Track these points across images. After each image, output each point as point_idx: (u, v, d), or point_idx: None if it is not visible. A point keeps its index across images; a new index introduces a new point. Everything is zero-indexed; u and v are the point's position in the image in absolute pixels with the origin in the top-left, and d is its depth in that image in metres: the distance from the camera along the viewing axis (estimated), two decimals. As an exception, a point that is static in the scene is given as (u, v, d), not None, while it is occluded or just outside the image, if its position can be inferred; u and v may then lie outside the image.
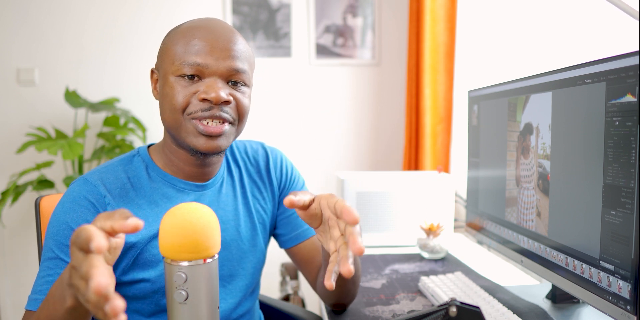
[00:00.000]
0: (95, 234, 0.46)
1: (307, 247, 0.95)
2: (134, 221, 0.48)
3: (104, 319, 0.44)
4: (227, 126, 0.78)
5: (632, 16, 0.91)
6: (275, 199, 0.96)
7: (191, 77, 0.76)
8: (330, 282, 0.58)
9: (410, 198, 1.47)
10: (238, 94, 0.79)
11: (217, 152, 0.79)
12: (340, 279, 0.82)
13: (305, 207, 0.66)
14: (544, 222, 0.92)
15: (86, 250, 0.46)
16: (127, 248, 0.78)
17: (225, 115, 0.77)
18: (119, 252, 0.56)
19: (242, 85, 0.80)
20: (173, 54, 0.77)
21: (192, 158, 0.81)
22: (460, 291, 0.99)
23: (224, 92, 0.75)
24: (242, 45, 0.79)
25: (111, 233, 0.50)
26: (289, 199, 0.62)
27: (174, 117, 0.77)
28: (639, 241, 0.67)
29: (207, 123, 0.76)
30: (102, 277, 0.44)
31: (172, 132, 0.79)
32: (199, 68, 0.75)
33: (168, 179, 0.83)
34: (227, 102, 0.77)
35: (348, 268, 0.55)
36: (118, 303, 0.43)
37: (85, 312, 0.57)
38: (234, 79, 0.78)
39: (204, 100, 0.75)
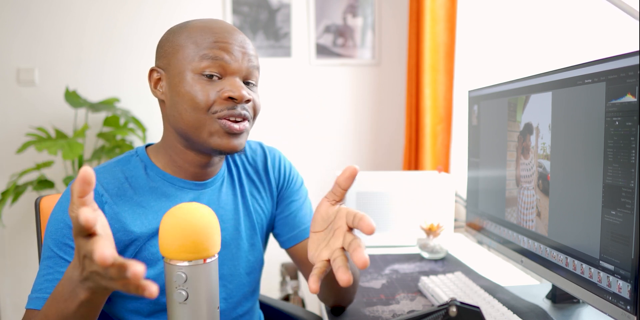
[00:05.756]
0: (81, 212, 0.48)
1: (306, 246, 0.95)
2: (82, 171, 0.49)
3: (137, 291, 0.46)
4: (247, 123, 0.79)
5: (632, 16, 0.91)
6: (273, 198, 0.95)
7: (209, 76, 0.76)
8: (316, 286, 0.58)
9: (410, 198, 1.47)
10: (253, 94, 0.80)
11: (239, 150, 0.79)
12: (338, 285, 0.83)
13: (340, 197, 0.63)
14: (544, 222, 0.92)
15: (86, 231, 0.50)
16: (126, 245, 0.78)
17: (245, 113, 0.78)
18: (108, 229, 0.55)
19: (253, 85, 0.81)
20: (189, 51, 0.76)
21: (200, 159, 0.81)
22: (460, 291, 0.99)
23: (246, 91, 0.76)
24: (252, 45, 0.81)
25: (85, 193, 0.50)
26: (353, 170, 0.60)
27: (197, 117, 0.76)
28: (639, 241, 0.67)
29: (232, 121, 0.76)
30: (104, 248, 0.46)
31: (190, 132, 0.77)
32: (222, 63, 0.75)
33: (167, 178, 0.83)
34: (249, 101, 0.78)
35: (348, 277, 0.54)
36: (137, 268, 0.45)
37: (99, 302, 0.60)
38: (249, 79, 0.79)
39: (228, 98, 0.75)
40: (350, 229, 0.59)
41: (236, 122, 0.77)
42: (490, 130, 1.16)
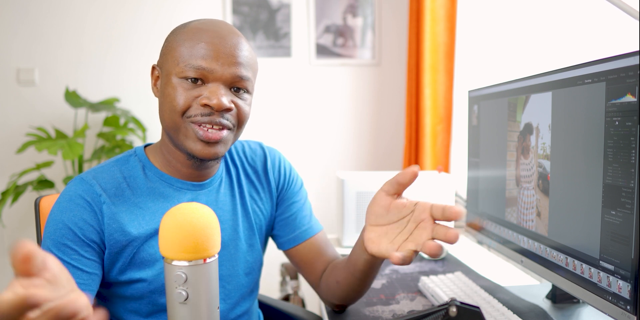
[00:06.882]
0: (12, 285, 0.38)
1: (306, 248, 0.94)
2: (20, 247, 0.38)
3: None
4: (225, 132, 0.78)
5: (632, 16, 0.91)
6: (273, 200, 0.95)
7: (194, 81, 0.75)
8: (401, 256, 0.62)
9: (410, 198, 1.46)
10: (239, 101, 0.78)
11: (214, 158, 0.79)
12: (358, 282, 0.82)
13: (402, 189, 0.70)
14: (544, 222, 0.92)
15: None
16: (125, 245, 0.78)
17: (225, 121, 0.77)
18: (73, 282, 0.44)
19: (244, 92, 0.79)
20: (178, 54, 0.76)
21: (189, 160, 0.81)
22: (460, 291, 0.99)
23: (226, 100, 0.75)
24: (248, 52, 0.79)
25: (26, 272, 0.39)
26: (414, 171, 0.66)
27: (173, 119, 0.77)
28: (639, 241, 0.67)
29: (207, 129, 0.76)
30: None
31: (170, 133, 0.79)
32: (204, 72, 0.75)
33: (165, 179, 0.83)
34: (228, 110, 0.76)
35: (454, 234, 0.59)
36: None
37: None
38: (237, 86, 0.78)
39: (205, 105, 0.75)
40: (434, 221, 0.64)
41: (213, 128, 0.76)
42: (490, 130, 1.16)
